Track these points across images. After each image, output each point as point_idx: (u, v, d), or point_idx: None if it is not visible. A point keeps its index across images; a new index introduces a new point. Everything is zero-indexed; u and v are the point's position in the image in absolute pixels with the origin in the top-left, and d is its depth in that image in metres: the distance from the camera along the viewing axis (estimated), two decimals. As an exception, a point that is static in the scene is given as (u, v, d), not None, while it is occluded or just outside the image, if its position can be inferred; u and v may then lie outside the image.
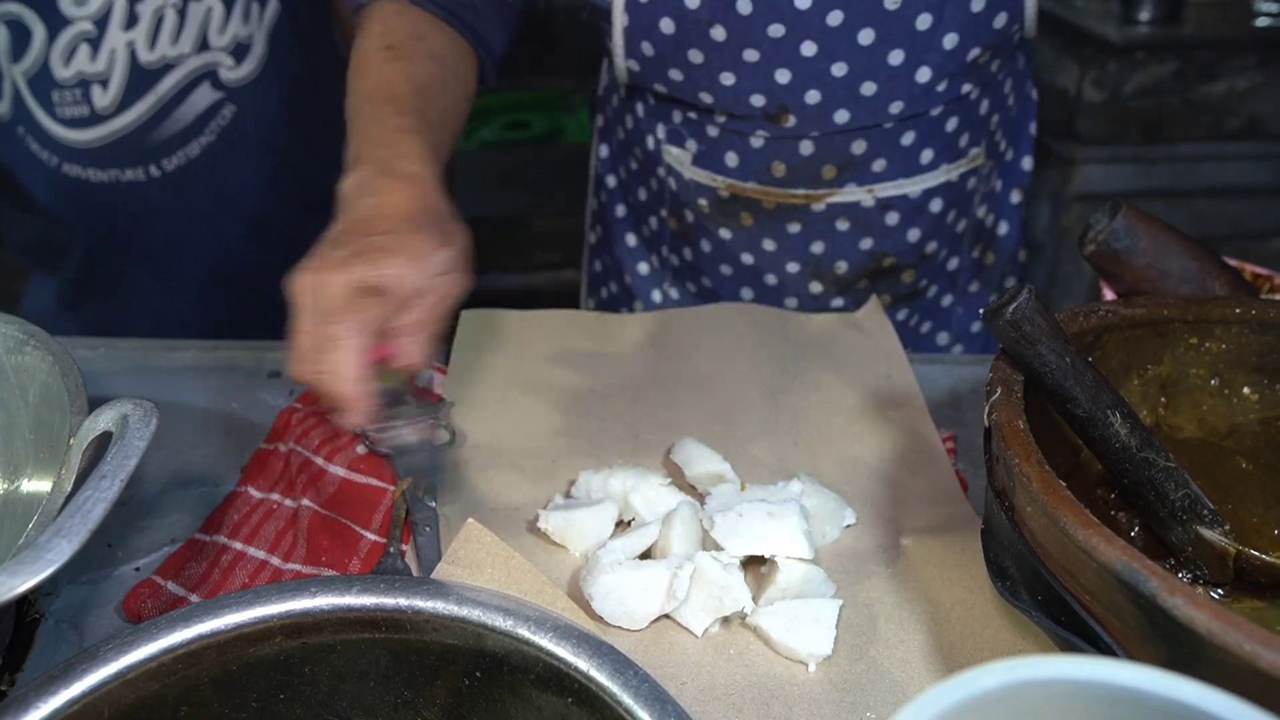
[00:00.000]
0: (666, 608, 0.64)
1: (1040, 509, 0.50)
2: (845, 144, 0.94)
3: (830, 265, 1.01)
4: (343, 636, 0.52)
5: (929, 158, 0.97)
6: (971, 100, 0.96)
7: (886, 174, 0.96)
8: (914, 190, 0.98)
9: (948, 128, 0.96)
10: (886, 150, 0.95)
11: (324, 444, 0.78)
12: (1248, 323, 0.72)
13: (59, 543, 0.44)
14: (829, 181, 0.96)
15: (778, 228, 1.00)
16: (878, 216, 0.98)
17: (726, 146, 0.97)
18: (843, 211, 0.98)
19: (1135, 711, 0.35)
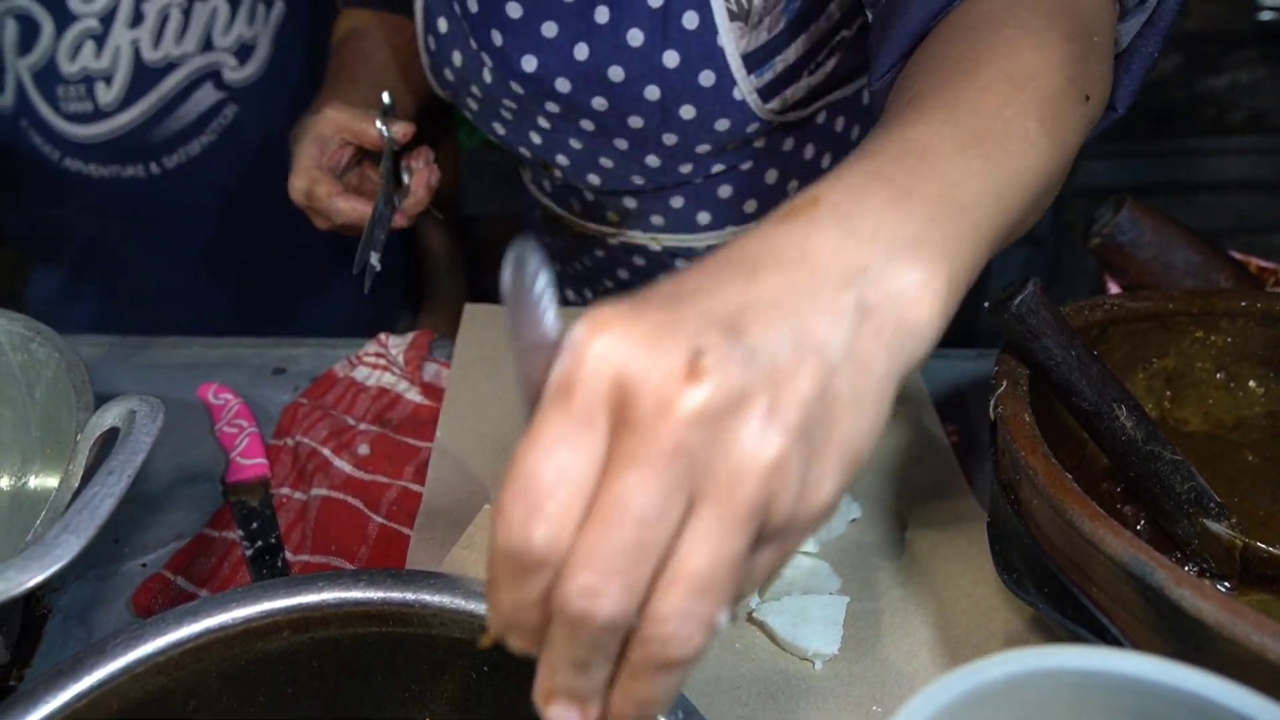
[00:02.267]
0: None
1: (1046, 502, 0.50)
2: (616, 199, 0.96)
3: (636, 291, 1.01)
4: (350, 630, 0.52)
5: (707, 219, 0.95)
6: (744, 171, 0.91)
7: (666, 228, 0.97)
8: (699, 245, 0.97)
9: (721, 194, 0.93)
10: (658, 209, 0.95)
11: (330, 438, 0.78)
12: (1253, 316, 0.72)
13: (67, 538, 0.44)
14: (615, 224, 0.99)
15: (587, 251, 1.05)
16: (668, 261, 1.00)
17: (541, 175, 1.03)
18: (635, 250, 1.00)
19: (1142, 702, 0.35)
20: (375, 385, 0.87)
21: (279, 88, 1.15)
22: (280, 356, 0.95)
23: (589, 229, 1.01)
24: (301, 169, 0.82)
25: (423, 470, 0.77)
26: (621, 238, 1.00)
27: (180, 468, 0.81)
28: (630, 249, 1.00)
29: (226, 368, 0.93)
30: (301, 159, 0.83)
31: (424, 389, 0.86)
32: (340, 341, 0.96)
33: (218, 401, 0.84)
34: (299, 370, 0.92)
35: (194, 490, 0.79)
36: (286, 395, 0.89)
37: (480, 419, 0.82)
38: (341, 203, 0.81)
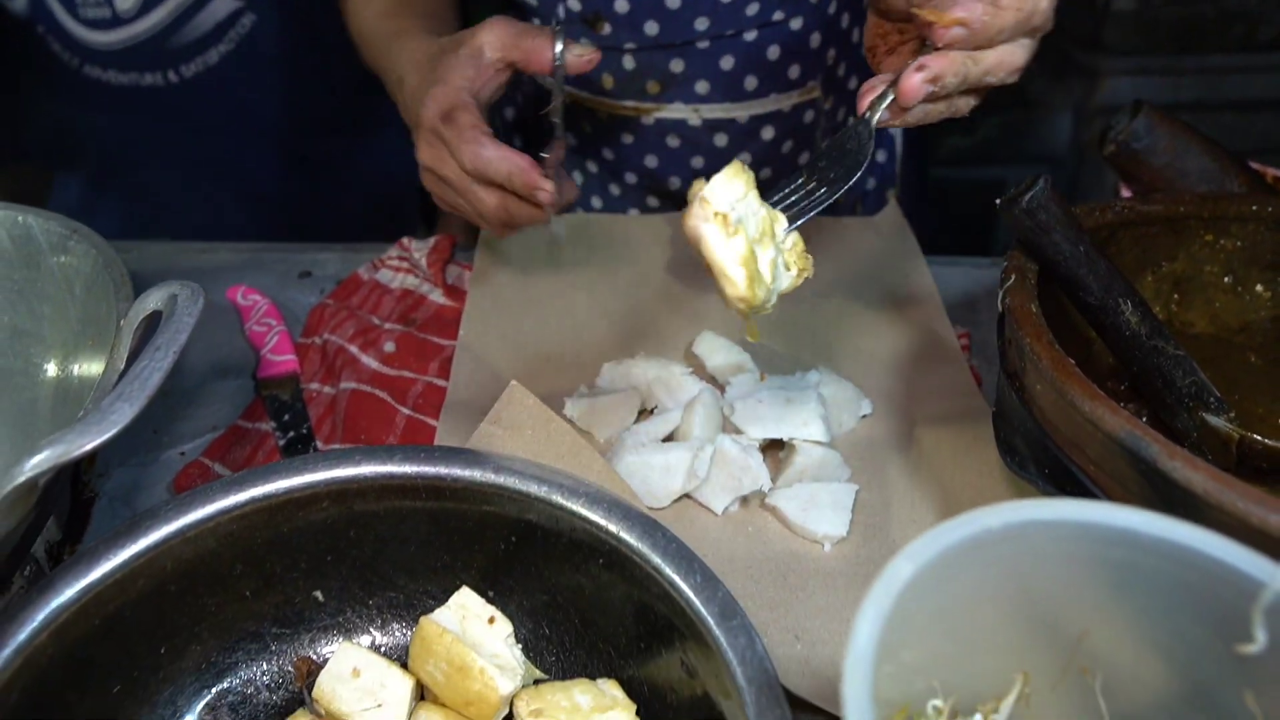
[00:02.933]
0: (688, 487, 0.67)
1: (1049, 385, 0.52)
2: (664, 61, 0.94)
3: (664, 180, 1.01)
4: (385, 503, 0.55)
5: (753, 84, 0.95)
6: (794, 30, 0.92)
7: (710, 96, 0.95)
8: (741, 115, 0.96)
9: (769, 56, 0.93)
10: (706, 72, 0.94)
11: (356, 335, 0.81)
12: (1264, 220, 0.73)
13: (121, 406, 0.47)
14: (654, 96, 0.96)
15: (613, 138, 1.01)
16: (706, 136, 0.98)
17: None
18: (671, 128, 0.98)
19: (1133, 553, 0.38)
20: (399, 287, 0.89)
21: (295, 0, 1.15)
22: (306, 261, 0.97)
23: (621, 108, 0.97)
24: (451, 86, 0.70)
25: (446, 366, 0.80)
26: (659, 114, 0.97)
27: (212, 365, 0.84)
28: (666, 127, 0.98)
29: (253, 271, 0.96)
30: (451, 75, 0.71)
31: (446, 290, 0.88)
32: (364, 246, 0.98)
33: (246, 302, 0.87)
34: (324, 274, 0.95)
35: (226, 386, 0.82)
36: (313, 297, 0.91)
37: (501, 318, 0.84)
38: (490, 148, 0.68)
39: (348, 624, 0.58)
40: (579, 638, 0.56)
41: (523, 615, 0.57)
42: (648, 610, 0.52)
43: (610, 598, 0.54)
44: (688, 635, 0.49)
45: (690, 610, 0.48)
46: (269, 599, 0.56)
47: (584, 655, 0.56)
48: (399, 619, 0.59)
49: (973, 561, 0.37)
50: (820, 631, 0.60)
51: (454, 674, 0.51)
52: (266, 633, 0.57)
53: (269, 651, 0.57)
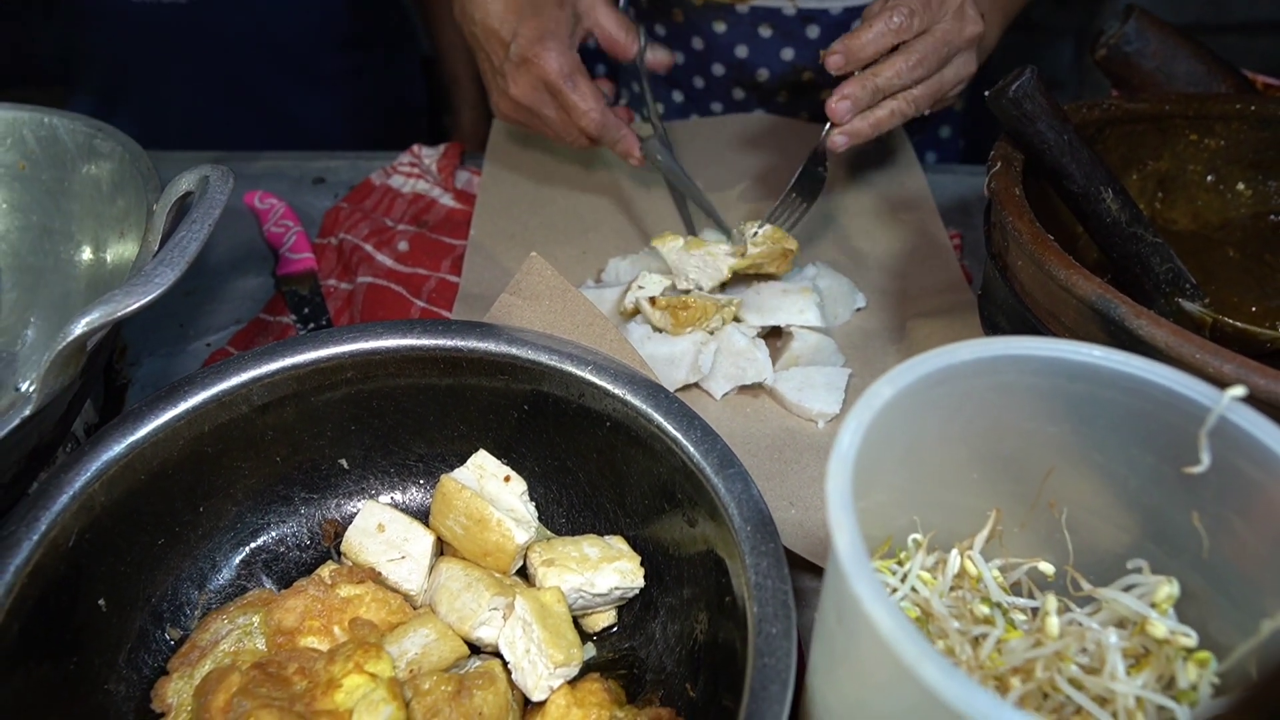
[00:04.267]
0: (691, 378, 0.71)
1: (1029, 259, 0.55)
2: None
3: (752, 72, 1.03)
4: (406, 374, 0.59)
5: None
6: None
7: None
8: (835, 6, 0.99)
9: None
10: None
11: (371, 235, 0.84)
12: (1247, 118, 0.76)
13: (163, 270, 0.50)
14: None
15: (704, 27, 1.02)
16: (799, 27, 1.00)
17: None
18: (765, 17, 1.00)
19: (1092, 386, 0.41)
20: (411, 191, 0.92)
21: None
22: (319, 168, 1.00)
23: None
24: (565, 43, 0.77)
25: (458, 264, 0.83)
26: (754, 1, 0.99)
27: (233, 264, 0.88)
28: (760, 16, 1.00)
29: (269, 178, 0.98)
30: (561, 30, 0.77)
31: (456, 195, 0.91)
32: (375, 154, 1.00)
33: (263, 206, 0.90)
34: (337, 180, 0.97)
35: (248, 283, 0.85)
36: (327, 202, 0.94)
37: (510, 219, 0.88)
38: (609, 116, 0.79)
39: (371, 489, 0.62)
40: (587, 501, 0.60)
41: (535, 481, 0.61)
42: (651, 469, 0.56)
43: (617, 460, 0.58)
44: (689, 488, 0.53)
45: (691, 463, 0.52)
46: (298, 464, 0.60)
47: (592, 517, 0.60)
48: (418, 485, 0.63)
49: (946, 394, 0.41)
50: (814, 498, 0.64)
51: (472, 526, 0.55)
52: (295, 496, 0.61)
53: (298, 514, 0.61)
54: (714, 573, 0.52)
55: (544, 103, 0.79)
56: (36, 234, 0.79)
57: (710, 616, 0.52)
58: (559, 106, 0.78)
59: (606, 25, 0.81)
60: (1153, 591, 0.42)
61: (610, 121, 0.78)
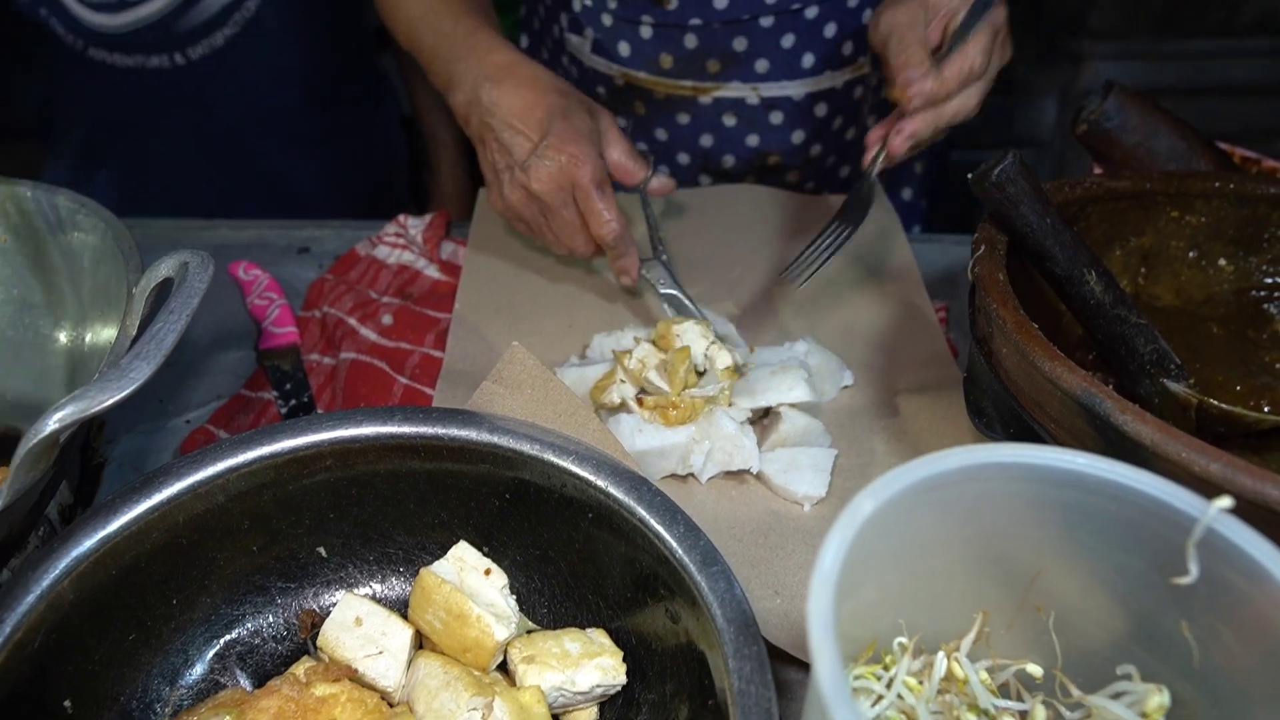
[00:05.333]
0: (680, 471, 0.70)
1: (1014, 348, 0.55)
2: (727, 39, 0.97)
3: (718, 159, 1.05)
4: (386, 462, 0.58)
5: (810, 62, 0.99)
6: (851, 8, 0.97)
7: (770, 74, 0.99)
8: (797, 92, 1.00)
9: (826, 33, 0.97)
10: (767, 50, 0.97)
11: (355, 309, 0.84)
12: (1227, 196, 0.76)
13: (138, 364, 0.49)
14: (714, 75, 0.99)
15: (668, 118, 1.04)
16: (762, 115, 1.01)
17: (618, 36, 1.00)
18: (728, 107, 1.01)
19: (1079, 493, 0.41)
20: (396, 262, 0.92)
21: None
22: (304, 237, 0.99)
23: (679, 88, 1.01)
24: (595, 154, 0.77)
25: (443, 338, 0.82)
26: (717, 93, 1.00)
27: (215, 337, 0.87)
28: (724, 106, 1.01)
29: (254, 248, 0.98)
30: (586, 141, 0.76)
31: (442, 266, 0.91)
32: (361, 223, 1.00)
33: (248, 277, 0.90)
34: (323, 250, 0.97)
35: (229, 357, 0.85)
36: (311, 273, 0.94)
37: (494, 292, 0.87)
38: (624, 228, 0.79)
39: (349, 578, 0.61)
40: (569, 591, 0.59)
41: (516, 570, 0.60)
42: (634, 562, 0.55)
43: (599, 551, 0.57)
44: (671, 584, 0.52)
45: (673, 559, 0.51)
46: (274, 554, 0.59)
47: (574, 607, 0.59)
48: (398, 574, 0.62)
49: (931, 501, 0.40)
50: (799, 587, 0.63)
51: (452, 622, 0.54)
52: (272, 586, 0.60)
53: (275, 604, 0.60)
54: (696, 670, 0.51)
55: (562, 203, 0.77)
56: (16, 308, 0.78)
57: (692, 714, 0.51)
58: (579, 211, 0.78)
59: (617, 151, 0.80)
60: (1143, 700, 0.41)
61: (627, 236, 0.79)
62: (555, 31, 1.07)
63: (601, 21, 1.00)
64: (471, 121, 0.80)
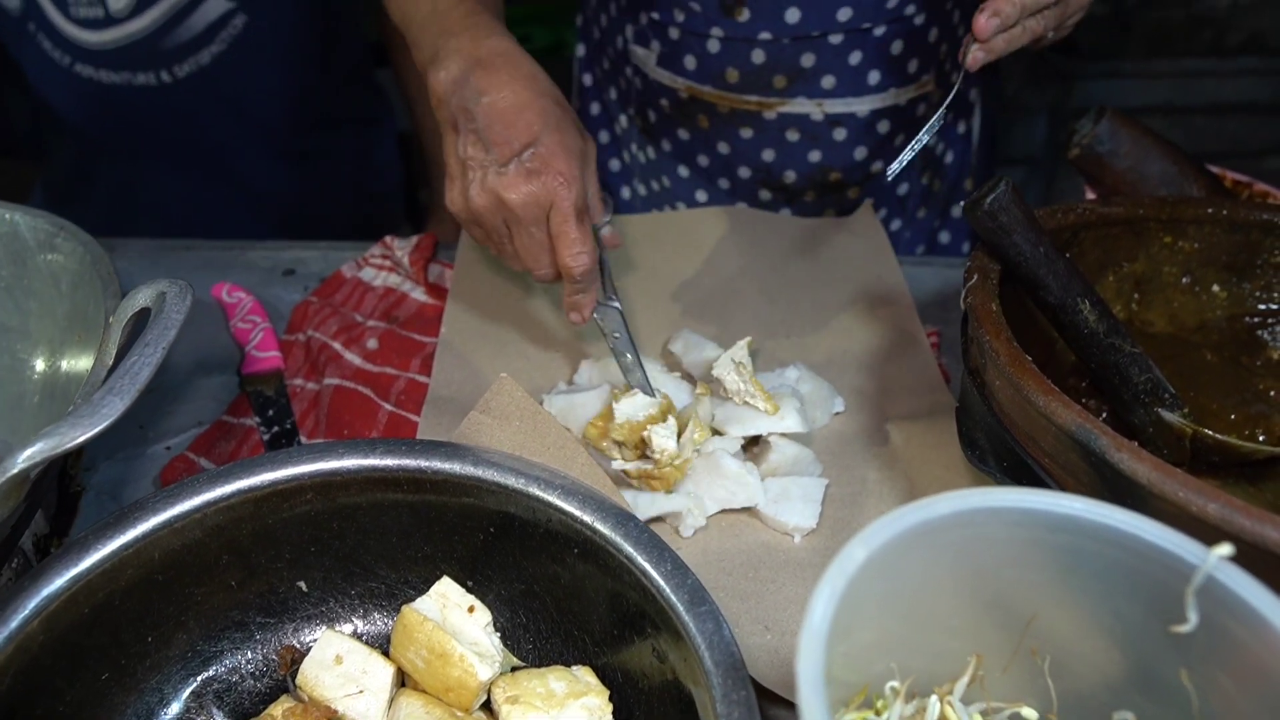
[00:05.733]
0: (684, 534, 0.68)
1: (1007, 380, 0.54)
2: (795, 55, 0.96)
3: (779, 174, 1.04)
4: (368, 495, 0.57)
5: (876, 79, 0.99)
6: (918, 25, 0.98)
7: (835, 91, 0.99)
8: (862, 109, 1.00)
9: (893, 51, 0.98)
10: (835, 67, 0.97)
11: (340, 332, 0.82)
12: (1219, 222, 0.76)
13: (111, 400, 0.48)
14: (780, 91, 0.99)
15: (731, 132, 1.03)
16: (826, 131, 1.01)
17: (685, 49, 0.99)
18: (793, 122, 1.01)
19: (1075, 538, 0.40)
20: (382, 285, 0.90)
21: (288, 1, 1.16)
22: (290, 259, 0.98)
23: (744, 103, 0.99)
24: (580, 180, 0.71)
25: (428, 363, 0.81)
26: (782, 108, 0.99)
27: (197, 361, 0.86)
28: (788, 122, 1.00)
29: (238, 269, 0.97)
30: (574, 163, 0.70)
31: (429, 289, 0.90)
32: (347, 244, 0.99)
33: (231, 300, 0.89)
34: (308, 271, 0.96)
35: (211, 382, 0.83)
36: (296, 295, 0.93)
37: (482, 316, 0.86)
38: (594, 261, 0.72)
39: (330, 613, 0.60)
40: (555, 626, 0.58)
41: (501, 605, 0.59)
42: (620, 599, 0.53)
43: (585, 587, 0.56)
44: (658, 622, 0.51)
45: (661, 597, 0.50)
46: (254, 589, 0.58)
47: (560, 643, 0.58)
48: (380, 608, 0.60)
49: (924, 546, 0.39)
50: (789, 622, 0.62)
51: (434, 660, 0.53)
52: (251, 622, 0.58)
53: (254, 640, 0.59)
54: (683, 710, 0.50)
55: (534, 220, 0.71)
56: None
57: (681, 757, 0.50)
58: (550, 233, 0.71)
59: (591, 184, 0.74)
60: (1142, 748, 0.40)
61: (594, 273, 0.72)
62: (619, 43, 1.07)
63: (669, 34, 0.99)
64: (450, 104, 0.71)
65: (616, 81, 1.11)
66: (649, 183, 1.14)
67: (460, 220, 0.74)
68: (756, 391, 0.71)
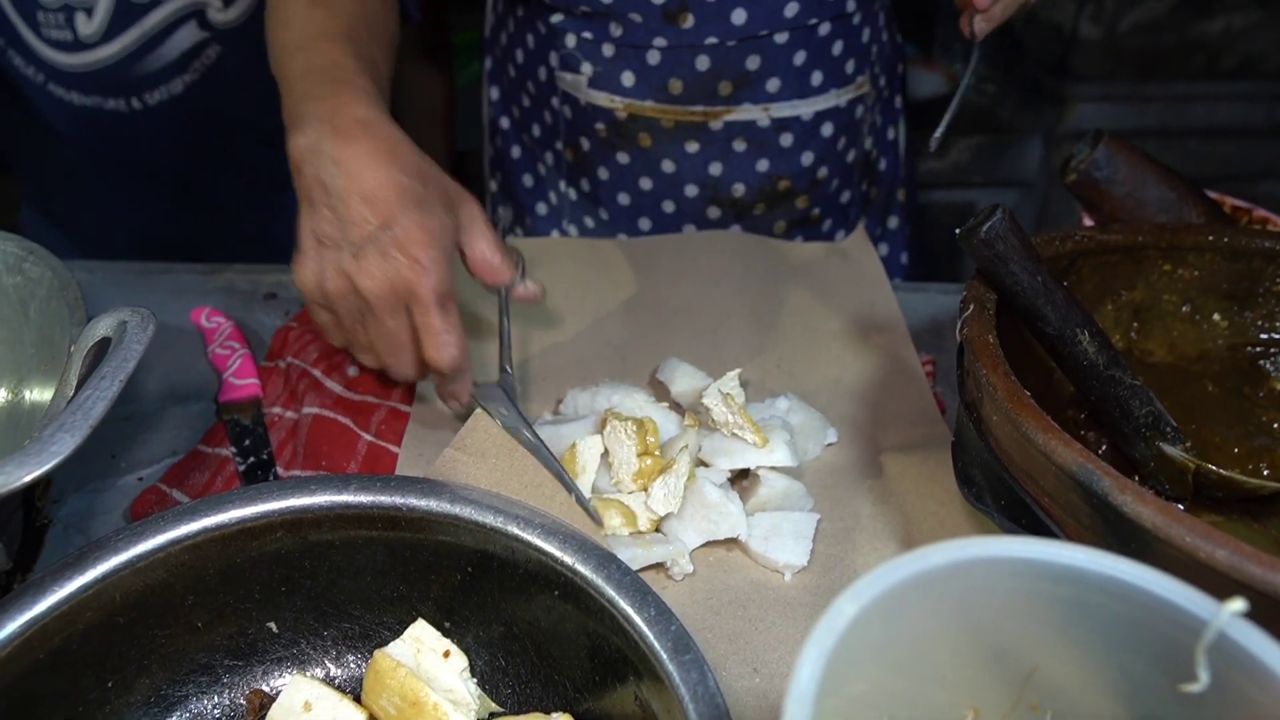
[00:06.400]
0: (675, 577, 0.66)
1: (1005, 416, 0.52)
2: (740, 58, 0.95)
3: (727, 188, 1.03)
4: (341, 533, 0.55)
5: (819, 80, 0.99)
6: (854, 24, 0.99)
7: (780, 94, 0.98)
8: (806, 112, 0.99)
9: (834, 51, 0.98)
10: (779, 69, 0.96)
11: (320, 359, 0.80)
12: (1220, 250, 0.74)
13: (62, 437, 0.46)
14: (725, 98, 0.97)
15: (676, 148, 1.01)
16: (773, 137, 1.00)
17: (624, 65, 0.97)
18: (740, 131, 0.99)
19: (1079, 590, 0.38)
20: (365, 310, 0.88)
21: (262, 33, 1.13)
22: (271, 282, 0.96)
23: (689, 114, 0.98)
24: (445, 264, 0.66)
25: (410, 391, 0.79)
26: (728, 116, 0.98)
27: (174, 388, 0.83)
28: (734, 130, 0.99)
29: (219, 293, 0.95)
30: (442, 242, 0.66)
31: (412, 314, 0.88)
32: (330, 268, 0.97)
33: (210, 325, 0.86)
34: (290, 296, 0.94)
35: (187, 410, 0.81)
36: (278, 320, 0.91)
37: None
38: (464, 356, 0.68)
39: (302, 655, 0.58)
40: (535, 670, 0.56)
41: (479, 647, 0.57)
42: (602, 644, 0.51)
43: (566, 630, 0.53)
44: (641, 669, 0.48)
45: (644, 644, 0.47)
46: (221, 630, 0.55)
47: (540, 688, 0.56)
48: (354, 650, 0.58)
49: (919, 598, 0.37)
50: (779, 664, 0.59)
51: (407, 709, 0.51)
52: (218, 664, 0.56)
53: (220, 684, 0.56)
54: (670, 763, 0.47)
55: (391, 311, 0.66)
56: (-44, 359, 0.74)
57: (666, 811, 0.47)
58: (411, 324, 0.67)
59: (483, 245, 0.70)
60: (1149, 811, 0.38)
61: (466, 365, 0.68)
62: (541, 74, 1.04)
63: (602, 53, 0.97)
64: (304, 173, 0.67)
65: (540, 117, 1.08)
66: (581, 220, 1.11)
67: (307, 302, 0.70)
68: (745, 423, 0.68)
